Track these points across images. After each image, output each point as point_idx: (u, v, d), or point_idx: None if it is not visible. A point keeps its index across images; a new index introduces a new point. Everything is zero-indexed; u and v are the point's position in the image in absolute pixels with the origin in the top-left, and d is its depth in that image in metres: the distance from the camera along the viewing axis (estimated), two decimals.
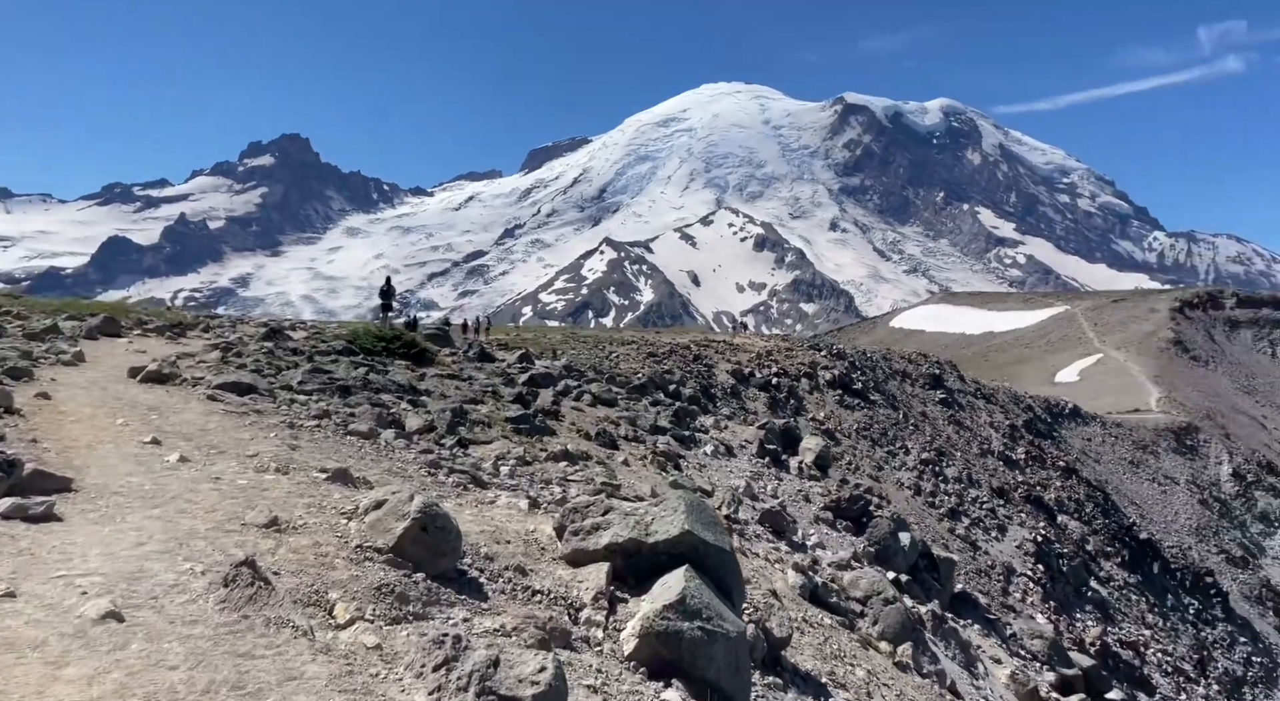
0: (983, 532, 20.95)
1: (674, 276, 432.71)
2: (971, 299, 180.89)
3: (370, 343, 14.34)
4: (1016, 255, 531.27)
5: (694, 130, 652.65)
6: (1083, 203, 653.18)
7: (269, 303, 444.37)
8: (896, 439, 25.28)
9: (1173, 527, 57.48)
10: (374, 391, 11.36)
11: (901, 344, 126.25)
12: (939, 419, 42.03)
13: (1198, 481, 64.99)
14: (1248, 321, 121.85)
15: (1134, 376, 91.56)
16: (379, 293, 26.82)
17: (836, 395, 27.59)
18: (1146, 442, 67.26)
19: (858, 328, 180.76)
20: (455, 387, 12.12)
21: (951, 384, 50.43)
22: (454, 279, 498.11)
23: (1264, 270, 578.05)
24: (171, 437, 7.86)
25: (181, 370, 11.72)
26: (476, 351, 14.41)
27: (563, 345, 34.75)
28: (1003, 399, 56.56)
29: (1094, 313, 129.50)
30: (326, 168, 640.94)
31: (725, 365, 28.92)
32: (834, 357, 34.87)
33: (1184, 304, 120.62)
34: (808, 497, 13.53)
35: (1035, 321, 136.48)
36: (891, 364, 48.61)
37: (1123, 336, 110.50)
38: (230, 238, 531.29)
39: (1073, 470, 46.45)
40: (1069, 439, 60.29)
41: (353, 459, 8.30)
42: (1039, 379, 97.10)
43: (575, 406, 12.33)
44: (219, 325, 22.78)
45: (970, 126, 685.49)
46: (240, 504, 5.94)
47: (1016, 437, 46.96)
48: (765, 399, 25.89)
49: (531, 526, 6.79)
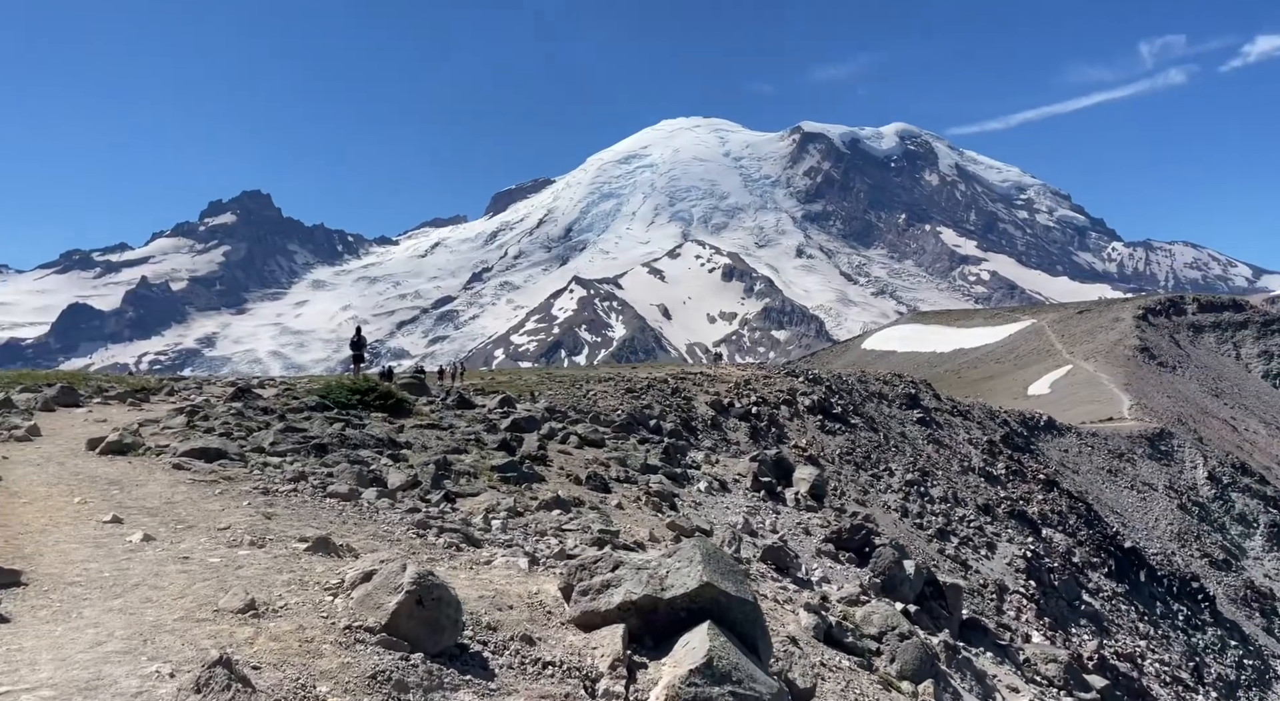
0: (972, 551, 20.64)
1: (645, 311, 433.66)
2: (940, 317, 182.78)
3: (344, 396, 13.84)
4: (980, 272, 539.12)
5: (656, 166, 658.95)
6: (1041, 217, 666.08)
7: (236, 361, 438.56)
8: (880, 461, 25.02)
9: (1155, 534, 57.59)
10: (352, 448, 10.90)
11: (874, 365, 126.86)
12: (918, 438, 41.94)
13: (1175, 486, 65.38)
14: (1210, 325, 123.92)
15: (1104, 385, 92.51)
16: (349, 344, 26.08)
17: (817, 420, 27.34)
18: (1122, 451, 67.68)
19: (831, 352, 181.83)
20: (437, 438, 11.65)
21: (928, 403, 50.48)
22: (424, 326, 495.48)
23: (1221, 274, 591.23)
24: (134, 514, 7.31)
25: (144, 438, 11.13)
26: (455, 398, 13.93)
27: (539, 386, 34.27)
28: (979, 415, 56.72)
29: (1060, 325, 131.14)
30: (289, 222, 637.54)
31: (704, 397, 28.62)
32: (812, 383, 34.69)
33: (1147, 311, 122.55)
34: (807, 530, 13.16)
35: (1004, 336, 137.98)
36: (868, 386, 48.60)
37: (1090, 347, 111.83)
38: (194, 298, 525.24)
39: (1053, 482, 46.48)
40: (1047, 451, 60.51)
41: (334, 524, 7.76)
42: (1012, 393, 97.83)
43: (562, 449, 12.01)
44: (184, 388, 22.06)
45: (926, 149, 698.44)
46: (212, 586, 5.36)
47: (996, 453, 46.98)
48: (746, 428, 25.58)
49: (534, 587, 6.25)
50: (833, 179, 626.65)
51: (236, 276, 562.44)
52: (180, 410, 14.02)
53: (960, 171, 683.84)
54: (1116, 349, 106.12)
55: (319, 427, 11.77)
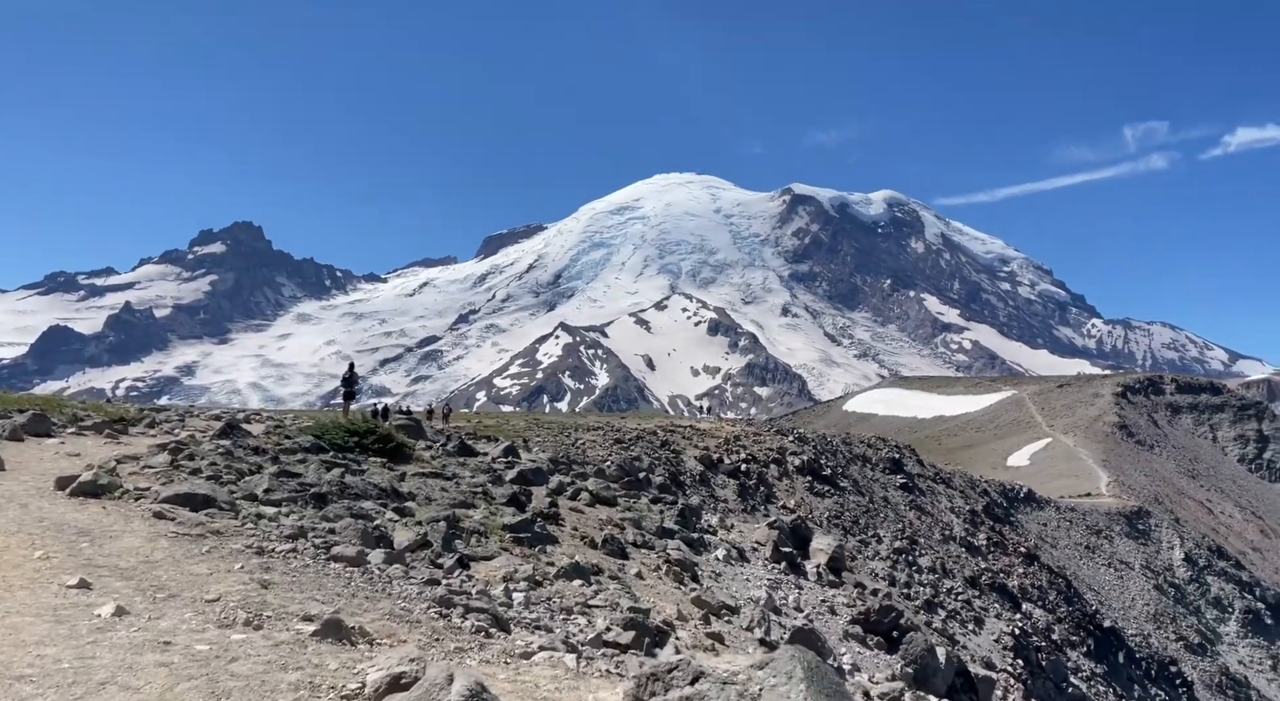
0: (959, 626, 20.53)
1: (629, 360, 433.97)
2: (922, 383, 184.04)
3: (341, 438, 13.27)
4: (962, 340, 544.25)
5: (647, 218, 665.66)
6: (1023, 290, 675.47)
7: (215, 391, 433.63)
8: (868, 527, 25.01)
9: (1131, 614, 57.43)
10: (353, 498, 10.28)
11: (855, 427, 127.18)
12: (901, 504, 41.96)
13: (1152, 566, 65.45)
14: (1188, 406, 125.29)
15: (1083, 460, 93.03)
16: (341, 380, 25.68)
17: (806, 481, 27.34)
18: (1100, 527, 67.83)
19: (813, 411, 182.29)
20: (441, 489, 11.19)
21: (911, 468, 50.58)
22: (407, 364, 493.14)
23: (1197, 356, 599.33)
24: (106, 576, 6.16)
25: (122, 478, 10.04)
26: (457, 444, 13.62)
27: (527, 432, 34.14)
28: (960, 483, 56.85)
29: (1041, 397, 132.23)
30: (279, 255, 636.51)
31: (693, 451, 28.62)
32: (801, 442, 34.76)
33: (1126, 389, 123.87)
34: (833, 609, 12.82)
35: (985, 406, 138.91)
36: (852, 448, 48.71)
37: (1070, 421, 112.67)
38: (177, 326, 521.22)
39: (1034, 556, 46.47)
40: (1025, 524, 60.58)
41: (342, 597, 6.73)
42: (991, 463, 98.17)
43: (573, 506, 11.60)
44: (166, 419, 20.51)
45: (913, 217, 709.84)
46: (200, 690, 4.22)
47: (977, 523, 47.01)
48: (735, 486, 25.55)
49: (589, 696, 5.16)
50: (820, 241, 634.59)
51: (221, 306, 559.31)
52: (163, 446, 12.98)
53: (945, 241, 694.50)
54: (1095, 424, 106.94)
55: (315, 473, 11.14)
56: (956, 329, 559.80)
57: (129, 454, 12.23)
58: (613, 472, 14.55)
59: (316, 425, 15.05)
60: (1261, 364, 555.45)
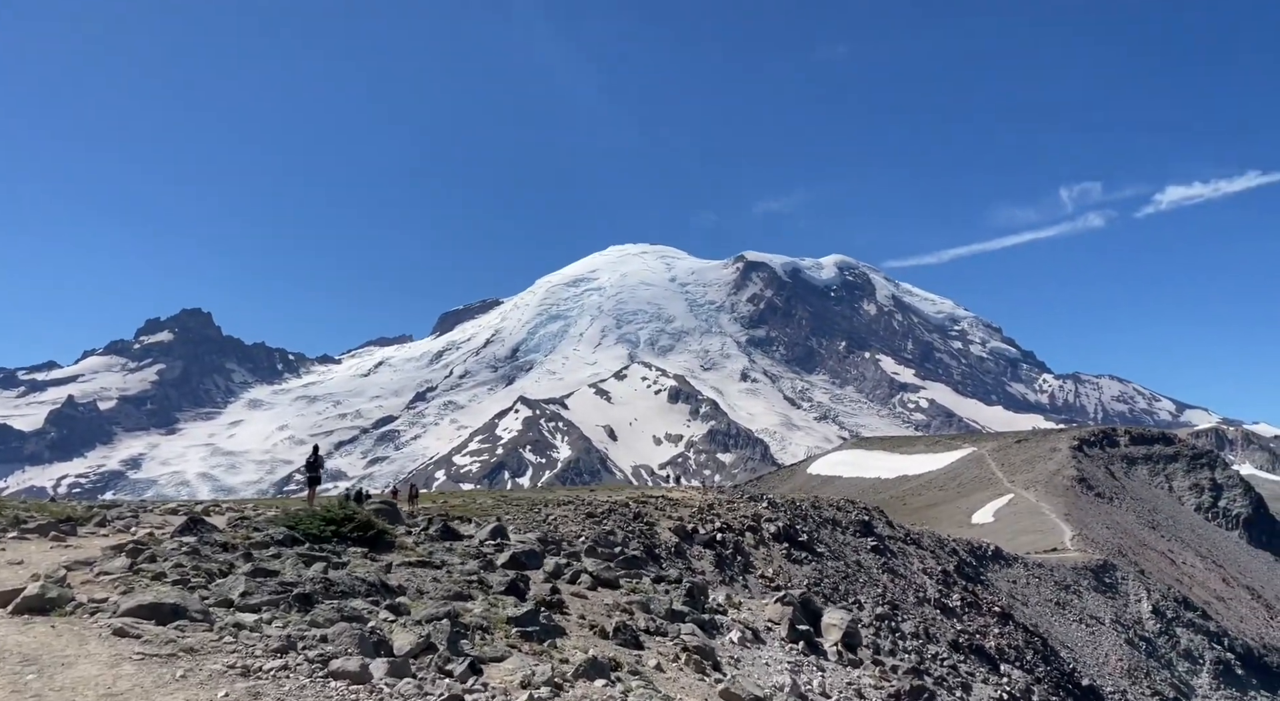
0: (947, 692, 20.25)
1: (590, 432, 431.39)
2: (883, 443, 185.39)
3: (316, 527, 12.46)
4: (919, 400, 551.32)
5: (603, 289, 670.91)
6: (974, 348, 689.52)
7: (162, 484, 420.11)
8: (849, 593, 24.79)
9: (1106, 670, 57.28)
10: (340, 596, 9.40)
11: (820, 490, 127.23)
12: (873, 567, 41.76)
13: (1121, 620, 65.63)
14: (1142, 457, 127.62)
15: (1046, 515, 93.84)
16: (305, 465, 25.03)
17: (783, 548, 27.11)
18: (1068, 583, 68.08)
19: (777, 476, 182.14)
20: (433, 579, 10.52)
21: (881, 530, 50.54)
22: (363, 446, 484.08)
23: (1146, 408, 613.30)
24: None
25: (74, 589, 8.80)
26: (439, 528, 13.09)
27: (496, 510, 33.54)
28: (929, 543, 56.87)
29: (1000, 453, 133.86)
30: (229, 341, 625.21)
31: (667, 522, 28.31)
32: (776, 509, 34.58)
33: (1082, 442, 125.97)
34: (860, 692, 12.32)
35: (946, 464, 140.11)
36: (822, 511, 48.62)
37: (1030, 476, 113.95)
38: (122, 418, 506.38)
39: (1008, 615, 46.36)
40: (996, 582, 60.59)
41: None
42: (956, 521, 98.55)
43: (575, 591, 11.06)
44: (118, 516, 18.68)
45: (864, 280, 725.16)
46: None
47: (950, 583, 46.89)
48: (711, 556, 25.24)
49: None
50: (775, 306, 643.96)
51: (169, 395, 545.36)
52: (119, 548, 11.54)
53: (897, 302, 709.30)
54: (1055, 478, 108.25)
55: (293, 569, 10.25)
56: (913, 388, 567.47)
57: (80, 559, 11.04)
58: (590, 548, 14.19)
59: (288, 515, 14.20)
60: (1208, 413, 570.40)
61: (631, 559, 13.00)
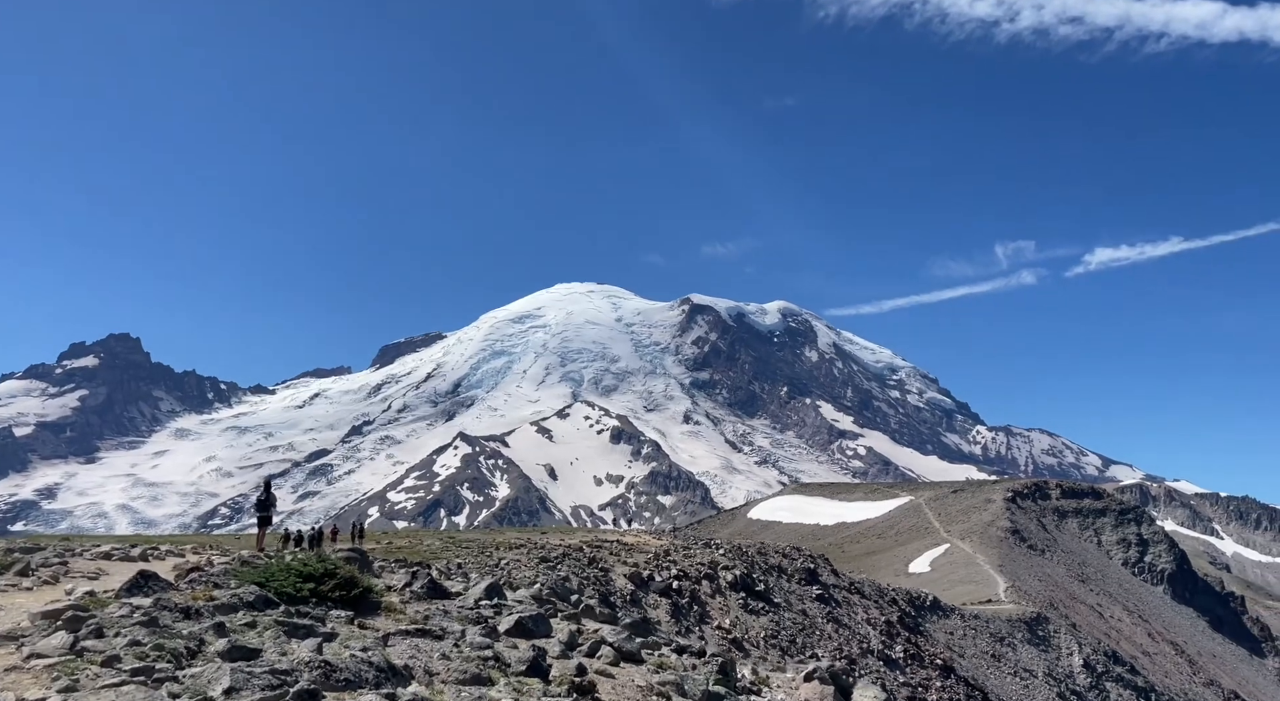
0: None
1: (530, 470, 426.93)
2: (822, 490, 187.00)
3: (293, 586, 10.71)
4: (857, 447, 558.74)
5: (549, 326, 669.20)
6: (911, 398, 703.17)
7: (78, 515, 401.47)
8: (805, 646, 24.85)
9: None
10: (345, 686, 7.58)
11: (760, 535, 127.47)
12: (818, 617, 41.92)
13: (1054, 673, 66.77)
14: (1072, 511, 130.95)
15: (980, 566, 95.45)
16: (256, 504, 23.88)
17: (740, 598, 27.10)
18: (1003, 635, 69.14)
19: (717, 520, 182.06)
20: (441, 655, 8.98)
21: (826, 578, 50.86)
22: (294, 480, 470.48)
23: (1074, 462, 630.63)
24: None
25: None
26: (425, 585, 12.14)
27: (444, 553, 32.90)
28: (871, 592, 57.36)
29: (936, 503, 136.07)
30: (158, 367, 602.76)
31: (622, 568, 28.09)
32: (733, 556, 34.59)
33: (1016, 494, 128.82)
34: None
35: (884, 512, 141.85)
36: (768, 558, 48.76)
37: (965, 526, 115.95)
38: (39, 445, 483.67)
39: (950, 668, 46.87)
40: (934, 633, 61.25)
41: None
42: (894, 569, 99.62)
43: (600, 668, 9.72)
44: (44, 562, 15.44)
45: (806, 327, 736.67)
46: None
47: (894, 635, 47.29)
48: (667, 605, 25.11)
49: None
50: (719, 349, 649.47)
51: (91, 422, 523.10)
52: (53, 615, 8.70)
53: (838, 350, 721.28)
54: (990, 530, 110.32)
55: (275, 643, 8.45)
56: (851, 435, 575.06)
57: (1, 631, 8.36)
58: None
59: (254, 569, 12.47)
60: (1132, 469, 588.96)
61: (640, 623, 12.64)
